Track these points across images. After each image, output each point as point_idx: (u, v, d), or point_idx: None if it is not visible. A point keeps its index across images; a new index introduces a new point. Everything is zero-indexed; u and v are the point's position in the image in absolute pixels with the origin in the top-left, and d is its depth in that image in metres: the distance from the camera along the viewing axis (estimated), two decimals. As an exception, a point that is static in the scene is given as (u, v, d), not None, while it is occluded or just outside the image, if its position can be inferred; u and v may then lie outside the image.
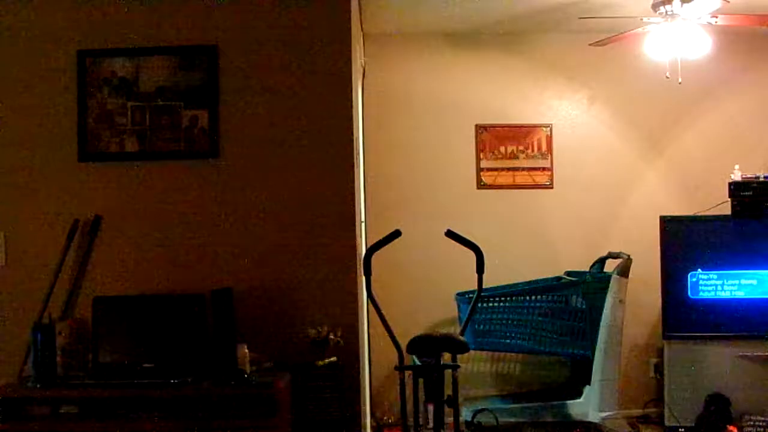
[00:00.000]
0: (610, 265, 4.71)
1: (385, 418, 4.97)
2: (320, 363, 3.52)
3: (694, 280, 4.64)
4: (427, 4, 4.63)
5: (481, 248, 3.41)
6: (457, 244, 3.43)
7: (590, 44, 4.65)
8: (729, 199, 4.66)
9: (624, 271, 4.53)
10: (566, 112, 5.26)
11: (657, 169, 5.25)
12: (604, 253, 4.84)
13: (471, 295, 4.34)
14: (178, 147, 3.70)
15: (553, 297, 4.67)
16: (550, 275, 5.03)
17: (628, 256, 4.57)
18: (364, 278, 3.50)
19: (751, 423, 4.44)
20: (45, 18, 3.74)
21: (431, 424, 3.32)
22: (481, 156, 5.22)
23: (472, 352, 4.60)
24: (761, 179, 4.63)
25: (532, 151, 5.23)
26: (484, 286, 3.48)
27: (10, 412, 3.21)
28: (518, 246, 5.15)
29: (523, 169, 5.23)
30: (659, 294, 4.69)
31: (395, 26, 5.09)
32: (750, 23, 4.35)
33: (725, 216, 4.68)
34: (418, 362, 3.54)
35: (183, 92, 3.71)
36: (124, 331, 3.55)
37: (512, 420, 4.56)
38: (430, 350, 3.37)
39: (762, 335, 4.55)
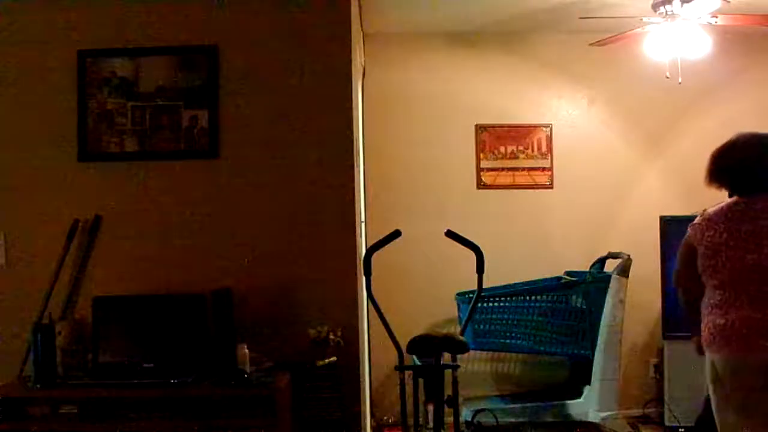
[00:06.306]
0: (610, 265, 4.71)
1: (385, 418, 4.97)
2: (320, 363, 3.52)
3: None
4: (427, 4, 4.62)
5: (481, 248, 3.41)
6: (457, 244, 3.43)
7: (590, 44, 4.65)
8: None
9: (624, 271, 4.53)
10: (566, 112, 5.26)
11: (657, 169, 5.25)
12: (604, 253, 4.84)
13: (471, 295, 4.34)
14: (178, 147, 3.70)
15: (553, 297, 4.67)
16: (550, 275, 5.02)
17: (628, 256, 4.57)
18: (364, 278, 3.50)
19: (751, 423, 4.43)
20: (45, 18, 3.74)
21: (431, 424, 3.32)
22: (481, 156, 5.22)
23: (472, 352, 4.60)
24: (761, 179, 4.63)
25: (532, 151, 5.22)
26: (484, 286, 3.47)
27: (10, 412, 3.21)
28: (518, 246, 5.14)
29: (523, 169, 5.22)
30: (659, 294, 4.69)
31: (395, 26, 5.08)
32: (750, 23, 4.34)
33: (725, 216, 4.67)
34: (418, 362, 3.54)
35: (183, 92, 3.70)
36: (124, 331, 3.55)
37: (512, 420, 4.56)
38: (430, 350, 3.37)
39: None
